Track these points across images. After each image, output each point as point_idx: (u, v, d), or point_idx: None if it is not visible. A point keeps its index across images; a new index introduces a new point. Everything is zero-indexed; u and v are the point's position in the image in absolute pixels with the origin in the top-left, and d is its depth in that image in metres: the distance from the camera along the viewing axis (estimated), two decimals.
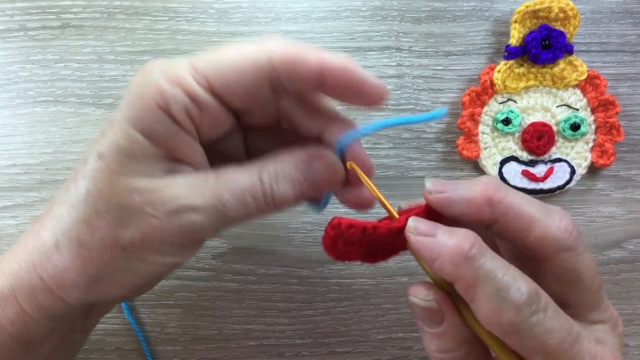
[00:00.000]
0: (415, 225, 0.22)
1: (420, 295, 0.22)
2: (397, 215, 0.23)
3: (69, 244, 0.22)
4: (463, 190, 0.22)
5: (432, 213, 0.23)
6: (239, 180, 0.23)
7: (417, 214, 0.23)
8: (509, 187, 0.22)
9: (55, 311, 0.23)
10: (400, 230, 0.23)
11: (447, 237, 0.21)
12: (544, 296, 0.20)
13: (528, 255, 0.22)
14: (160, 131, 0.21)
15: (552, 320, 0.20)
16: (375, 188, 0.24)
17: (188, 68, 0.21)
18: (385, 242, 0.23)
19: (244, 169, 0.23)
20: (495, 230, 0.22)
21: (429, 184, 0.23)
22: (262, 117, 0.25)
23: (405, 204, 0.26)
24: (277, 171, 0.24)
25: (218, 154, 0.25)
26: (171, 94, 0.21)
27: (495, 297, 0.19)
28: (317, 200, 0.27)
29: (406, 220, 0.22)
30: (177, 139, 0.22)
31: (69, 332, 0.26)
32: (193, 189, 0.22)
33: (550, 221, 0.21)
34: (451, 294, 0.22)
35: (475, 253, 0.20)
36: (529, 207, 0.22)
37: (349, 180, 0.26)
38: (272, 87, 0.22)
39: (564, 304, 0.21)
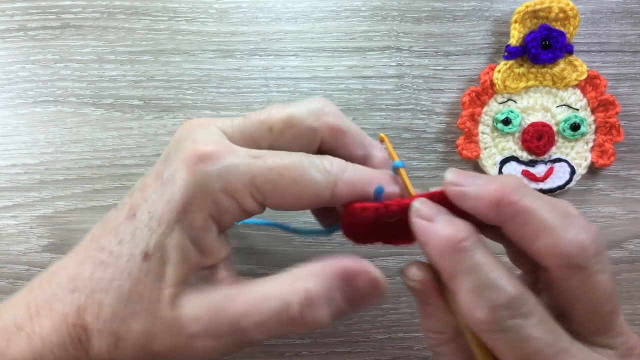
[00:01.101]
0: (418, 207, 0.22)
1: (409, 274, 0.23)
2: (413, 193, 0.24)
3: (108, 336, 0.21)
4: (477, 187, 0.21)
5: (447, 200, 0.23)
6: (264, 308, 0.21)
7: (432, 197, 0.23)
8: (530, 190, 0.21)
9: None
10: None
11: (443, 225, 0.21)
12: (531, 302, 0.19)
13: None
14: (208, 243, 0.21)
15: (533, 328, 0.19)
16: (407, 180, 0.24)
17: (249, 182, 0.21)
18: (401, 220, 0.23)
19: (271, 288, 0.21)
20: (505, 232, 0.21)
21: (449, 174, 0.23)
22: None
23: (450, 175, 0.24)
24: (310, 294, 0.21)
25: None
26: (227, 209, 0.21)
27: (474, 293, 0.19)
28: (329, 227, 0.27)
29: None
30: (219, 246, 0.22)
31: None
32: (216, 315, 0.21)
33: (565, 233, 0.19)
34: (440, 278, 0.22)
35: (465, 245, 0.20)
36: (546, 213, 0.20)
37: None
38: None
39: (568, 318, 0.21)
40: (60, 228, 0.39)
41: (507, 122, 0.38)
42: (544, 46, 0.37)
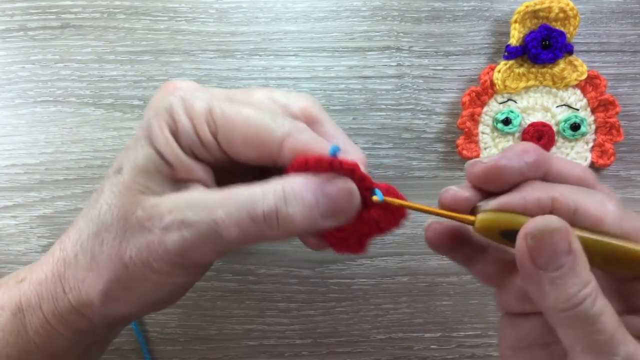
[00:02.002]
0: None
1: (548, 220, 0.19)
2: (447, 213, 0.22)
3: (84, 257, 0.22)
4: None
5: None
6: (237, 197, 0.21)
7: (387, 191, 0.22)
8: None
9: (78, 326, 0.23)
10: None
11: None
12: None
13: None
14: (170, 152, 0.22)
15: None
16: (420, 206, 0.22)
17: (206, 111, 0.22)
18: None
19: (249, 186, 0.21)
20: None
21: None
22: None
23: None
24: (286, 189, 0.21)
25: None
26: (182, 125, 0.22)
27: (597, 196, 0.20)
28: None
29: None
30: (187, 162, 0.22)
31: (91, 344, 0.26)
32: (190, 204, 0.21)
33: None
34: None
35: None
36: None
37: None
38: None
39: None
40: (60, 228, 0.39)
41: (507, 122, 0.38)
42: (544, 46, 0.37)
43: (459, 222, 0.22)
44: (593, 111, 0.39)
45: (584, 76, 0.38)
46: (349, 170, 0.21)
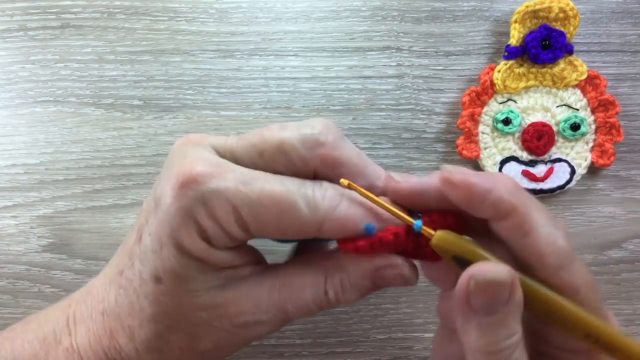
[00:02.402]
0: (450, 173, 0.22)
1: (497, 270, 0.19)
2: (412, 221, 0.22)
3: (149, 353, 0.22)
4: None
5: (454, 222, 0.23)
6: (304, 295, 0.23)
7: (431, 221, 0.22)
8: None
9: None
10: (409, 233, 0.22)
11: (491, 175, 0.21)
12: None
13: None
14: (209, 259, 0.22)
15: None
16: (373, 196, 0.22)
17: (232, 212, 0.21)
18: (411, 245, 0.23)
19: (308, 277, 0.23)
20: (493, 227, 0.21)
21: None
22: None
23: (397, 176, 0.24)
24: (344, 282, 0.23)
25: None
26: (212, 232, 0.21)
27: (549, 225, 0.20)
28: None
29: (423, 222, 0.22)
30: (226, 257, 0.22)
31: None
32: (257, 304, 0.23)
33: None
34: None
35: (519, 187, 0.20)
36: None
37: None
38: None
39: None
40: (60, 228, 0.39)
41: (507, 122, 0.38)
42: (544, 46, 0.37)
43: (418, 231, 0.22)
44: (593, 111, 0.39)
45: (584, 76, 0.38)
46: (391, 241, 0.22)
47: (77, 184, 0.39)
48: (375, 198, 0.22)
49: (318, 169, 0.22)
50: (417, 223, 0.22)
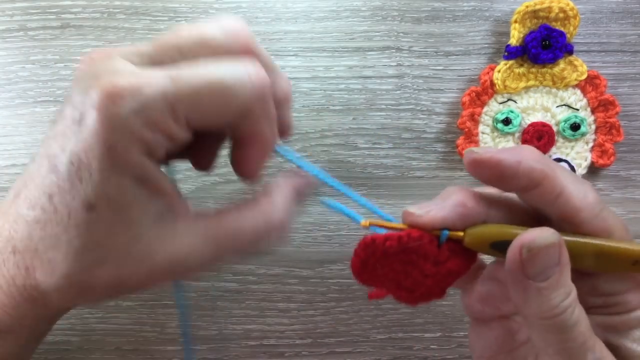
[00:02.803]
0: (477, 154, 0.21)
1: (545, 235, 0.20)
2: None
3: (71, 287, 0.21)
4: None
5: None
6: (245, 237, 0.22)
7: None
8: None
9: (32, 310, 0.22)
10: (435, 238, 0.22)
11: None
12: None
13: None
14: (151, 177, 0.20)
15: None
16: (396, 224, 0.22)
17: (170, 112, 0.20)
18: (426, 260, 0.22)
19: (243, 206, 0.23)
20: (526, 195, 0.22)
21: (413, 209, 0.22)
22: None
23: (416, 208, 0.23)
24: (285, 224, 0.23)
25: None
26: (154, 141, 0.20)
27: (577, 183, 0.21)
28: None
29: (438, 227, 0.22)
30: (162, 177, 0.21)
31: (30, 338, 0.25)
32: (194, 235, 0.21)
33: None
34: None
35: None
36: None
37: None
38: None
39: None
40: None
41: (507, 122, 0.38)
42: (544, 46, 0.37)
43: (445, 238, 0.22)
44: (593, 111, 0.39)
45: (584, 76, 0.38)
46: (416, 239, 0.22)
47: None
48: (399, 225, 0.22)
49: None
50: (444, 232, 0.22)
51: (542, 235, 0.20)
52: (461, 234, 0.22)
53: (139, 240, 0.20)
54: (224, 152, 0.24)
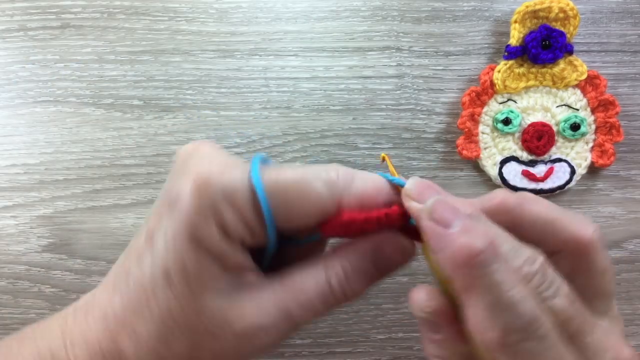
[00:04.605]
0: (433, 208, 0.20)
1: (419, 303, 0.21)
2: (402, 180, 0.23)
3: (149, 356, 0.22)
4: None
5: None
6: (306, 289, 0.22)
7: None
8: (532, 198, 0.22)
9: None
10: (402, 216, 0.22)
11: (460, 233, 0.19)
12: (546, 325, 0.19)
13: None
14: (226, 256, 0.21)
15: (547, 352, 0.19)
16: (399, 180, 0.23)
17: (252, 198, 0.20)
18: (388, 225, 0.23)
19: (309, 273, 0.22)
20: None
21: (410, 183, 0.22)
22: None
23: (412, 184, 0.23)
24: (345, 268, 0.22)
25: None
26: (232, 223, 0.20)
27: (488, 312, 0.18)
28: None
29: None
30: (240, 257, 0.22)
31: None
32: (258, 307, 0.22)
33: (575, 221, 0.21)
34: (455, 302, 0.21)
35: (484, 259, 0.18)
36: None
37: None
38: None
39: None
40: (60, 228, 0.39)
41: (507, 122, 0.38)
42: (544, 46, 0.37)
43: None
44: (593, 111, 0.39)
45: (584, 76, 0.38)
46: (396, 218, 0.22)
47: (77, 184, 0.39)
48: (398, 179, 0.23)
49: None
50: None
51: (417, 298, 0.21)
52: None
53: (209, 313, 0.21)
54: None
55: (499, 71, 0.38)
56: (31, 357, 0.23)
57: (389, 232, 0.23)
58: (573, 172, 0.39)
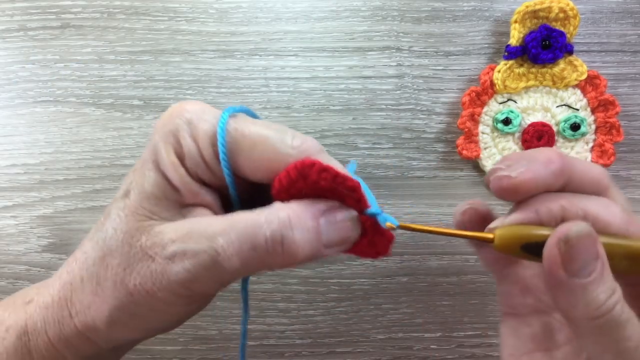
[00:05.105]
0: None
1: (580, 226, 0.19)
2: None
3: (90, 282, 0.22)
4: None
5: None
6: (239, 224, 0.20)
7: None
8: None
9: (84, 350, 0.23)
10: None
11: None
12: None
13: None
14: (176, 177, 0.21)
15: None
16: (431, 228, 0.22)
17: (212, 133, 0.21)
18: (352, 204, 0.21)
19: (253, 212, 0.20)
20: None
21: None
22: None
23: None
24: (292, 216, 0.20)
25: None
26: (188, 149, 0.21)
27: (604, 201, 0.21)
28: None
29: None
30: (193, 186, 0.22)
31: None
32: (192, 233, 0.20)
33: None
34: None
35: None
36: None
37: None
38: None
39: None
40: (60, 228, 0.39)
41: (507, 122, 0.38)
42: (544, 46, 0.37)
43: (477, 240, 0.22)
44: (593, 111, 0.39)
45: (584, 76, 0.38)
46: (350, 188, 0.20)
47: (77, 184, 0.39)
48: (430, 228, 0.22)
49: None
50: (385, 217, 0.21)
51: (577, 225, 0.19)
52: (491, 235, 0.21)
53: (148, 232, 0.21)
54: None
55: (499, 71, 0.38)
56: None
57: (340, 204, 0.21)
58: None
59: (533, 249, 0.20)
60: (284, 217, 0.20)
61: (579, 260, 0.19)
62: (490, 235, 0.21)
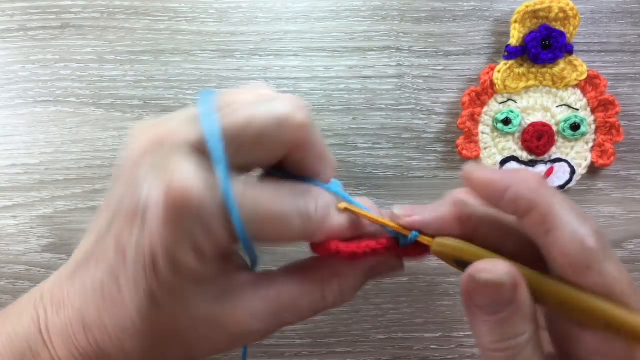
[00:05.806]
0: (471, 170, 0.21)
1: (494, 270, 0.19)
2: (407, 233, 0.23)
3: None
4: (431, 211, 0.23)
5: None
6: (300, 303, 0.23)
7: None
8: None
9: None
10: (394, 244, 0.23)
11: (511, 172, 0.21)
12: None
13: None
14: (203, 271, 0.20)
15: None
16: (374, 216, 0.23)
17: (224, 225, 0.19)
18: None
19: (304, 286, 0.23)
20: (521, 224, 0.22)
21: (396, 209, 0.24)
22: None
23: (398, 209, 0.24)
24: (342, 286, 0.24)
25: None
26: (206, 247, 0.20)
27: (576, 223, 0.19)
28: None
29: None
30: (217, 265, 0.21)
31: None
32: (253, 315, 0.22)
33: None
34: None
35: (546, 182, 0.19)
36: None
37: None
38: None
39: None
40: (60, 228, 0.39)
41: (507, 122, 0.38)
42: (544, 46, 0.37)
43: (415, 241, 0.23)
44: (593, 111, 0.39)
45: (584, 76, 0.38)
46: (383, 249, 0.23)
47: (77, 184, 0.39)
48: (373, 216, 0.23)
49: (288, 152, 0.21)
50: (413, 233, 0.23)
51: (493, 270, 0.19)
52: (430, 240, 0.23)
53: (201, 322, 0.21)
54: None
55: (499, 71, 0.38)
56: (10, 354, 0.22)
57: (387, 257, 0.24)
58: (573, 172, 0.39)
59: (463, 265, 0.21)
60: (337, 291, 0.24)
61: (485, 299, 0.19)
62: (429, 239, 0.23)
